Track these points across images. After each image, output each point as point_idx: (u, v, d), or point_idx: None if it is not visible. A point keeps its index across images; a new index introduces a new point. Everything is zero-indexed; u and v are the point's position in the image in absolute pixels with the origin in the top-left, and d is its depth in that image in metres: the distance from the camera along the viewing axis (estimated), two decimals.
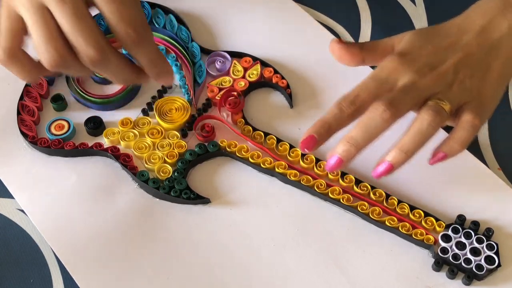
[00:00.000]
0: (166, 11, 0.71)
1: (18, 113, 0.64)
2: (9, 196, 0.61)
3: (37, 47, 0.48)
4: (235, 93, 0.64)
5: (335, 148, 0.54)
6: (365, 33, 0.71)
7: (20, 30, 0.49)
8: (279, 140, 0.62)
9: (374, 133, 0.54)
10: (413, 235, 0.57)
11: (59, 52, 0.48)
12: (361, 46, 0.58)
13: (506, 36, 0.59)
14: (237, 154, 0.62)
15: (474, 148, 0.63)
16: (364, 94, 0.54)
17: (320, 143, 0.54)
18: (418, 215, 0.59)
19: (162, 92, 0.65)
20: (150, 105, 0.65)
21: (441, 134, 0.56)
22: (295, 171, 0.61)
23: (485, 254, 0.56)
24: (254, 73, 0.66)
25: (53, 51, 0.47)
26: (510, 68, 0.60)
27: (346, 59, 0.58)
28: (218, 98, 0.64)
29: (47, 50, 0.48)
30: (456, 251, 0.57)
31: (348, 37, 0.70)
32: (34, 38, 0.48)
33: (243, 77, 0.66)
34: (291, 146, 0.62)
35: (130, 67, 0.50)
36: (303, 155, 0.61)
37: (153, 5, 0.71)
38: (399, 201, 0.59)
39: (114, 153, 0.62)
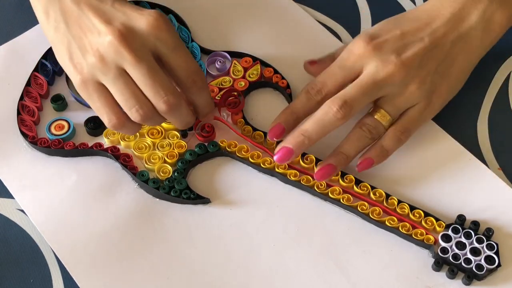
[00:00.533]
0: (166, 11, 0.71)
1: (18, 113, 0.64)
2: (9, 196, 0.61)
3: (124, 107, 0.55)
4: (235, 93, 0.64)
5: (287, 139, 0.57)
6: None
7: (113, 100, 0.55)
8: (279, 141, 0.62)
9: (327, 129, 0.57)
10: (413, 235, 0.57)
11: (144, 110, 0.54)
12: (332, 58, 0.61)
13: (474, 27, 0.61)
14: (237, 154, 0.62)
15: (474, 148, 0.63)
16: (331, 83, 0.58)
17: (288, 131, 0.59)
18: (418, 215, 0.59)
19: None
20: None
21: None
22: (295, 171, 0.61)
23: (485, 254, 0.56)
24: (254, 73, 0.66)
25: (139, 109, 0.54)
26: (471, 64, 0.62)
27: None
28: (218, 98, 0.64)
29: (133, 109, 0.54)
30: (456, 251, 0.57)
31: (348, 37, 0.70)
32: (119, 101, 0.54)
33: (243, 77, 0.66)
34: None
35: (191, 110, 0.58)
36: (303, 155, 0.61)
37: (153, 5, 0.71)
38: (399, 201, 0.59)
39: (114, 153, 0.62)
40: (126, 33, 0.52)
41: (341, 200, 0.59)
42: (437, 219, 0.58)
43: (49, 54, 0.67)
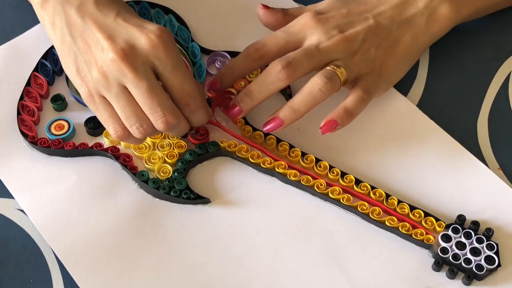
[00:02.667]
0: (167, 11, 0.71)
1: (18, 113, 0.64)
2: (9, 196, 0.61)
3: (125, 124, 0.56)
4: (231, 96, 0.64)
5: (235, 98, 0.60)
6: None
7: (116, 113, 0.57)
8: (279, 140, 0.62)
9: (270, 89, 0.59)
10: (413, 235, 0.58)
11: (144, 128, 0.56)
12: (285, 12, 0.63)
13: (420, 13, 0.63)
14: (237, 154, 0.62)
15: (474, 148, 0.63)
16: (271, 44, 0.60)
17: (224, 85, 0.62)
18: (418, 215, 0.59)
19: None
20: None
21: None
22: (295, 171, 0.61)
23: (485, 254, 0.56)
24: (254, 73, 0.66)
25: (139, 127, 0.55)
26: (418, 46, 0.64)
27: (271, 24, 0.64)
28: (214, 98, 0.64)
29: (134, 127, 0.56)
30: (456, 251, 0.57)
31: None
32: (121, 117, 0.56)
33: (243, 77, 0.66)
34: (291, 146, 0.62)
35: (187, 124, 0.58)
36: (303, 155, 0.61)
37: (153, 5, 0.71)
38: (399, 201, 0.59)
39: (114, 153, 0.62)
40: (128, 51, 0.53)
41: (341, 200, 0.59)
42: (437, 219, 0.58)
43: (49, 54, 0.67)
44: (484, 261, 0.56)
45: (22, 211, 0.60)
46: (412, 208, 0.59)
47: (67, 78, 0.66)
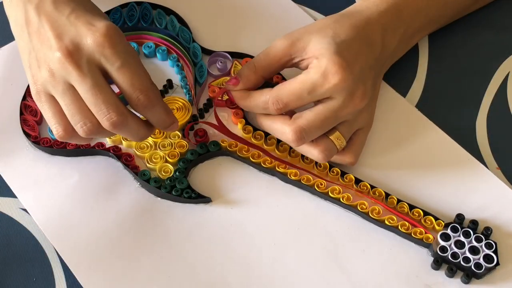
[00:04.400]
0: (168, 12, 0.71)
1: (21, 113, 0.64)
2: (12, 195, 0.61)
3: (70, 120, 0.54)
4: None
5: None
6: None
7: (63, 112, 0.55)
8: (279, 140, 0.63)
9: (272, 131, 0.60)
10: (412, 234, 0.58)
11: (88, 126, 0.54)
12: (254, 72, 0.60)
13: (393, 51, 0.64)
14: (238, 153, 0.62)
15: (473, 147, 0.64)
16: (294, 105, 0.57)
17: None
18: (417, 214, 0.59)
19: (163, 92, 0.66)
20: None
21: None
22: (296, 170, 0.61)
23: (483, 253, 0.57)
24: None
25: (83, 126, 0.54)
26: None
27: (250, 87, 0.60)
28: (220, 99, 0.64)
29: (78, 125, 0.54)
30: (455, 249, 0.57)
31: None
32: (67, 115, 0.54)
33: None
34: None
35: (143, 125, 0.56)
36: (303, 155, 0.62)
37: (155, 6, 0.71)
38: (399, 200, 0.60)
39: (116, 152, 0.62)
40: (72, 50, 0.53)
41: (341, 199, 0.59)
42: (436, 218, 0.59)
43: None
44: (483, 259, 0.56)
45: (25, 210, 0.61)
46: (411, 207, 0.59)
47: None
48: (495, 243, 0.57)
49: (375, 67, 0.61)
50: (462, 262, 0.56)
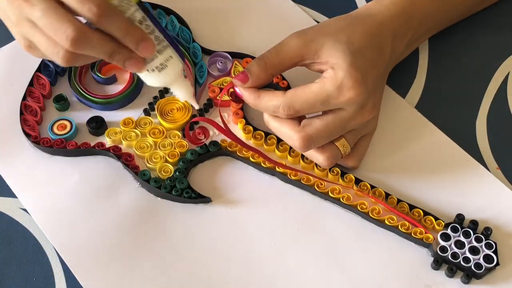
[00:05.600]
0: (168, 12, 0.71)
1: (21, 113, 0.64)
2: (12, 195, 0.61)
3: (46, 54, 0.52)
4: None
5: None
6: None
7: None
8: (279, 140, 0.63)
9: (280, 134, 0.59)
10: (412, 234, 0.58)
11: (61, 53, 0.51)
12: (265, 69, 0.58)
13: (399, 56, 0.64)
14: (238, 153, 0.62)
15: (472, 147, 0.64)
16: (305, 112, 0.57)
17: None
18: (417, 214, 0.59)
19: (163, 92, 0.66)
20: (151, 105, 0.65)
21: None
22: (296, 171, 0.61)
23: (483, 253, 0.57)
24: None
25: (58, 54, 0.51)
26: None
27: (259, 85, 0.59)
28: (218, 99, 0.64)
29: (54, 57, 0.51)
30: (455, 249, 0.57)
31: None
32: (41, 49, 0.52)
33: None
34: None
35: (108, 38, 0.51)
36: (303, 156, 0.62)
37: (155, 6, 0.72)
38: (399, 200, 0.60)
39: (116, 152, 0.62)
40: None
41: (341, 199, 0.60)
42: (436, 218, 0.59)
43: None
44: (483, 259, 0.56)
45: (25, 210, 0.61)
46: (411, 207, 0.59)
47: (69, 78, 0.67)
48: (495, 243, 0.57)
49: (384, 75, 0.61)
50: (462, 262, 0.56)
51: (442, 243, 0.57)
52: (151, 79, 0.55)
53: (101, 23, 0.50)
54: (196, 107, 0.59)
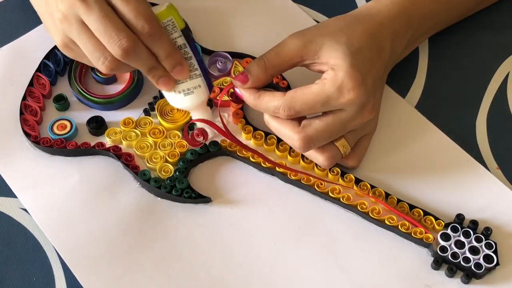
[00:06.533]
0: None
1: (21, 113, 0.64)
2: (12, 195, 0.61)
3: (91, 59, 0.54)
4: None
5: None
6: None
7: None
8: (279, 140, 0.63)
9: (280, 134, 0.59)
10: (412, 234, 0.58)
11: (108, 60, 0.53)
12: (265, 70, 0.58)
13: (399, 56, 0.64)
14: (238, 153, 0.62)
15: (473, 147, 0.64)
16: (305, 113, 0.57)
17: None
18: (417, 214, 0.59)
19: None
20: (151, 105, 0.65)
21: None
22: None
23: (483, 253, 0.57)
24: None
25: (104, 61, 0.53)
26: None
27: (259, 86, 0.59)
28: (219, 99, 0.64)
29: (99, 63, 0.53)
30: (455, 249, 0.57)
31: None
32: (86, 53, 0.54)
33: None
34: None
35: (152, 54, 0.54)
36: (303, 156, 0.62)
37: (154, 5, 0.71)
38: (399, 200, 0.60)
39: (116, 152, 0.62)
40: None
41: (341, 199, 0.60)
42: (436, 218, 0.59)
43: (51, 55, 0.68)
44: (483, 259, 0.56)
45: (25, 210, 0.61)
46: (411, 207, 0.59)
47: (69, 78, 0.67)
48: (495, 243, 0.57)
49: (383, 75, 0.61)
50: (462, 262, 0.56)
51: (442, 243, 0.57)
52: (175, 100, 0.58)
53: (149, 41, 0.53)
54: (211, 135, 0.61)
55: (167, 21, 0.53)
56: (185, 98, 0.57)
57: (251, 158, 0.62)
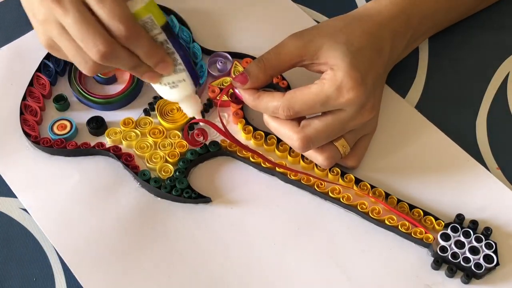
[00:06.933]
0: (168, 11, 0.71)
1: (21, 113, 0.64)
2: (12, 195, 0.61)
3: (73, 61, 0.53)
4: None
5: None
6: None
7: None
8: (279, 140, 0.63)
9: (280, 135, 0.59)
10: (412, 234, 0.58)
11: (89, 64, 0.52)
12: (264, 70, 0.58)
13: (399, 56, 0.64)
14: (238, 153, 0.62)
15: (473, 147, 0.64)
16: (304, 113, 0.57)
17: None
18: (417, 214, 0.59)
19: None
20: (151, 105, 0.65)
21: None
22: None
23: (483, 253, 0.57)
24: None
25: (85, 64, 0.52)
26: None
27: (258, 86, 0.59)
28: (218, 99, 0.64)
29: (81, 66, 0.53)
30: (455, 249, 0.57)
31: None
32: (68, 55, 0.53)
33: None
34: None
35: (133, 54, 0.53)
36: (303, 156, 0.62)
37: None
38: (399, 200, 0.60)
39: (116, 152, 0.62)
40: None
41: (341, 199, 0.60)
42: (436, 218, 0.59)
43: (51, 55, 0.67)
44: (483, 260, 0.56)
45: (25, 210, 0.61)
46: (411, 207, 0.59)
47: (69, 78, 0.67)
48: (495, 243, 0.57)
49: (383, 75, 0.61)
50: (462, 262, 0.56)
51: (442, 243, 0.57)
52: (162, 91, 0.57)
53: (127, 43, 0.52)
54: (201, 123, 0.60)
55: (145, 19, 0.52)
56: (171, 91, 0.57)
57: (251, 158, 0.62)
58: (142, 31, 0.52)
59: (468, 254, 0.57)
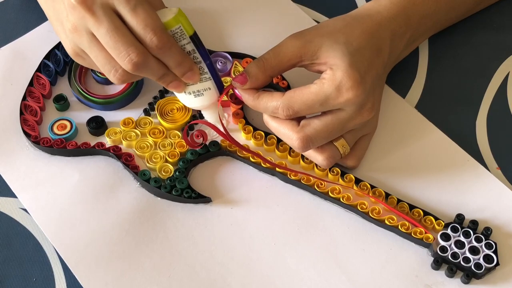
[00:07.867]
0: None
1: (21, 113, 0.64)
2: (12, 195, 0.61)
3: (103, 70, 0.54)
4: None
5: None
6: None
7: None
8: (279, 140, 0.63)
9: (279, 135, 0.59)
10: (412, 234, 0.58)
11: (119, 73, 0.53)
12: (264, 71, 0.58)
13: (399, 56, 0.64)
14: (238, 153, 0.62)
15: (473, 147, 0.64)
16: (304, 113, 0.57)
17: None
18: (417, 214, 0.59)
19: (163, 92, 0.66)
20: (151, 105, 0.65)
21: None
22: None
23: (483, 253, 0.57)
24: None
25: (115, 73, 0.53)
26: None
27: (258, 86, 0.59)
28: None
29: (110, 74, 0.54)
30: (455, 249, 0.57)
31: None
32: (98, 65, 0.54)
33: None
34: None
35: (163, 64, 0.54)
36: (303, 156, 0.62)
37: None
38: (399, 200, 0.60)
39: (116, 152, 0.62)
40: None
41: (341, 199, 0.60)
42: (436, 218, 0.59)
43: (51, 55, 0.68)
44: (483, 260, 0.56)
45: (25, 210, 0.61)
46: (411, 207, 0.59)
47: (69, 78, 0.67)
48: (495, 243, 0.57)
49: (383, 75, 0.61)
50: (462, 262, 0.56)
51: (442, 243, 0.57)
52: (186, 100, 0.58)
53: (159, 53, 0.53)
54: (222, 130, 0.60)
55: (175, 29, 0.53)
56: (196, 99, 0.57)
57: (251, 158, 0.62)
58: (174, 42, 0.54)
59: (468, 254, 0.57)
